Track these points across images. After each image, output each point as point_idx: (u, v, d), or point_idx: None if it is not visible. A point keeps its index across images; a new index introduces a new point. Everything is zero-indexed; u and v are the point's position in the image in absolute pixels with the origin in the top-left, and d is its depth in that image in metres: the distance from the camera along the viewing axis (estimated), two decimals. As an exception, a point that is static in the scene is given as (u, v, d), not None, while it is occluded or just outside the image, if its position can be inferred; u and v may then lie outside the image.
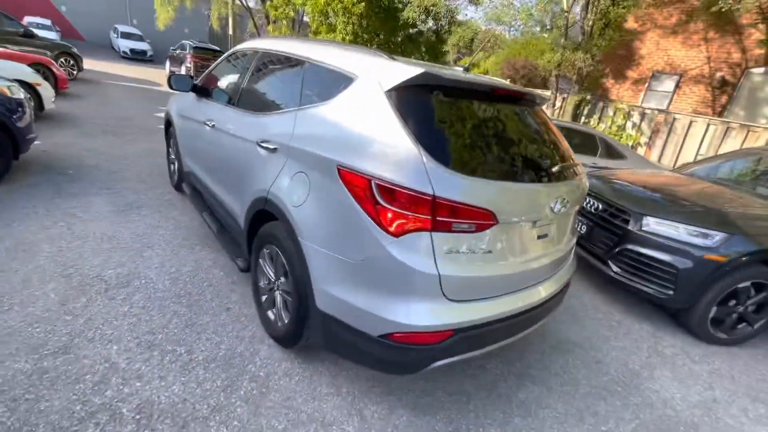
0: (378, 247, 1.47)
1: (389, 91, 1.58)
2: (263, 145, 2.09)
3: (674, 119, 7.04)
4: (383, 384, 2.01)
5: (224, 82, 3.02)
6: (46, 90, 5.71)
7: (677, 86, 10.39)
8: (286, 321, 2.02)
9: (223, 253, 3.04)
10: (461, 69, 1.79)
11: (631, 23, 8.72)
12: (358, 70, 1.74)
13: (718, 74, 9.66)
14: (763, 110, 9.36)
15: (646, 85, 10.95)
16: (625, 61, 10.97)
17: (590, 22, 7.59)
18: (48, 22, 16.80)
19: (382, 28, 10.59)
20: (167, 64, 16.48)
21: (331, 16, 9.71)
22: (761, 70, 9.20)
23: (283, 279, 2.05)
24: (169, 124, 4.04)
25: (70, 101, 7.52)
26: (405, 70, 1.58)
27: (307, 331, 1.88)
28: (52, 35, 13.98)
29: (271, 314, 2.20)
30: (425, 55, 11.74)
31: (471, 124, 1.66)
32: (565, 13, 7.96)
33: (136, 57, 19.44)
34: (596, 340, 2.78)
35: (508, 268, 1.68)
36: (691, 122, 6.77)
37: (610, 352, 2.68)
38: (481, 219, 1.50)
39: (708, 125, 6.55)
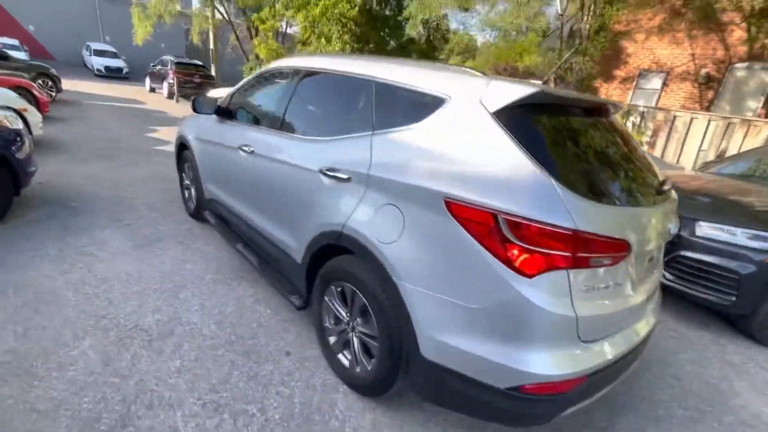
0: (507, 290, 1.30)
1: (497, 111, 1.42)
2: (330, 173, 1.89)
3: (675, 117, 7.16)
4: (478, 427, 1.83)
5: (259, 104, 2.81)
6: (32, 115, 5.32)
7: (664, 83, 10.66)
8: (369, 367, 1.82)
9: (265, 287, 2.81)
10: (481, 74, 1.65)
11: (616, 24, 8.93)
12: (449, 90, 1.58)
13: (704, 71, 9.95)
14: (748, 103, 9.68)
15: (634, 83, 11.20)
16: (612, 61, 11.19)
17: (587, 25, 7.72)
18: (15, 42, 16.02)
19: (374, 36, 10.48)
20: (147, 80, 15.95)
21: (324, 26, 9.52)
22: (744, 65, 9.52)
23: (360, 320, 1.85)
24: (183, 147, 3.77)
25: (54, 125, 7.08)
26: (514, 89, 1.42)
27: (402, 380, 1.69)
28: (21, 56, 13.29)
29: (343, 358, 1.99)
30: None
31: (584, 144, 1.53)
32: (561, 16, 8.07)
33: (112, 75, 18.77)
34: (665, 354, 2.67)
35: (630, 301, 1.54)
36: (692, 119, 6.90)
37: (684, 366, 2.58)
38: (618, 251, 1.36)
39: (709, 122, 6.68)
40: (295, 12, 10.17)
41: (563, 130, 1.51)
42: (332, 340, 2.06)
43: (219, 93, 12.04)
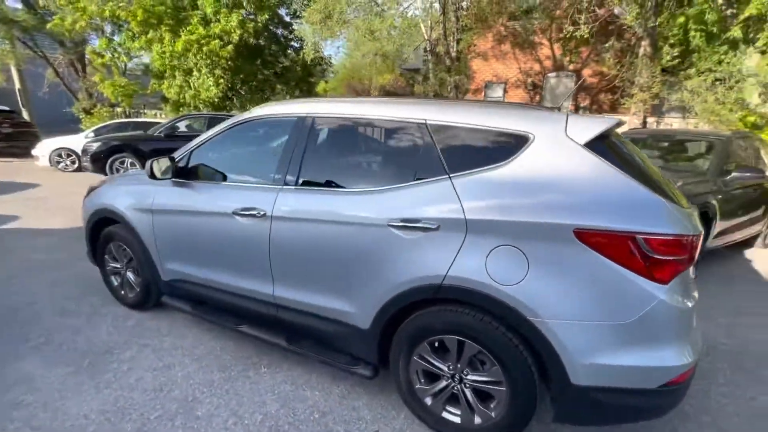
0: (651, 299, 1.46)
1: (588, 143, 1.58)
2: (407, 225, 1.77)
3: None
4: None
5: (250, 160, 2.41)
6: None
7: (505, 91, 13.02)
8: (493, 414, 1.76)
9: (295, 367, 2.40)
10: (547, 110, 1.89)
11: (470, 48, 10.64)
12: (531, 128, 1.67)
13: (529, 80, 12.52)
14: (560, 102, 12.54)
15: (483, 94, 13.34)
16: (464, 77, 13.12)
17: (454, 48, 8.92)
18: None
19: (249, 69, 9.86)
20: None
21: (190, 60, 8.46)
22: (554, 74, 12.34)
23: (468, 370, 1.78)
24: (103, 224, 2.95)
25: None
26: (597, 122, 1.61)
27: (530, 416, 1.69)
28: None
29: (451, 416, 1.87)
30: (295, 89, 11.47)
31: (638, 158, 1.80)
32: (427, 41, 9.14)
33: None
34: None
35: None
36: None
37: None
38: (699, 244, 1.65)
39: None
40: (144, 45, 8.86)
41: (626, 151, 1.77)
42: (429, 401, 1.91)
43: (51, 144, 9.59)
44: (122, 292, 3.05)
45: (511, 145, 1.69)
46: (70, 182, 8.29)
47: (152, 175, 2.43)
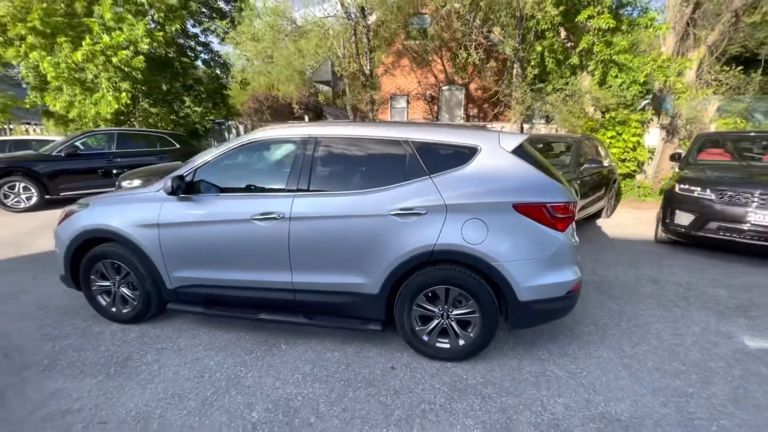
0: (556, 241, 2.46)
1: (513, 150, 2.54)
2: (404, 212, 2.51)
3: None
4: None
5: (260, 173, 2.84)
6: None
7: (408, 103, 14.50)
8: (472, 335, 2.60)
9: (312, 336, 2.93)
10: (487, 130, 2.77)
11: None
12: (478, 142, 2.57)
13: (428, 92, 14.20)
14: (455, 112, 14.52)
15: (389, 104, 14.64)
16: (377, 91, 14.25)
17: (368, 66, 9.82)
18: None
19: (157, 81, 9.24)
20: None
21: (87, 72, 7.63)
22: (447, 87, 14.22)
23: (452, 309, 2.60)
24: (89, 244, 3.04)
25: None
26: (517, 137, 2.59)
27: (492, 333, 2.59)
28: None
29: (443, 344, 2.66)
30: (207, 101, 11.02)
31: (538, 157, 2.83)
32: (339, 59, 9.90)
33: None
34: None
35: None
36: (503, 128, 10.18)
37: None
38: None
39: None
40: (23, 51, 7.80)
41: (531, 153, 2.79)
42: (426, 337, 2.68)
43: None
44: (113, 309, 3.15)
45: (467, 153, 2.57)
46: (-63, 215, 6.96)
47: (173, 192, 2.72)
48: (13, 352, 2.77)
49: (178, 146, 8.96)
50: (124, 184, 6.83)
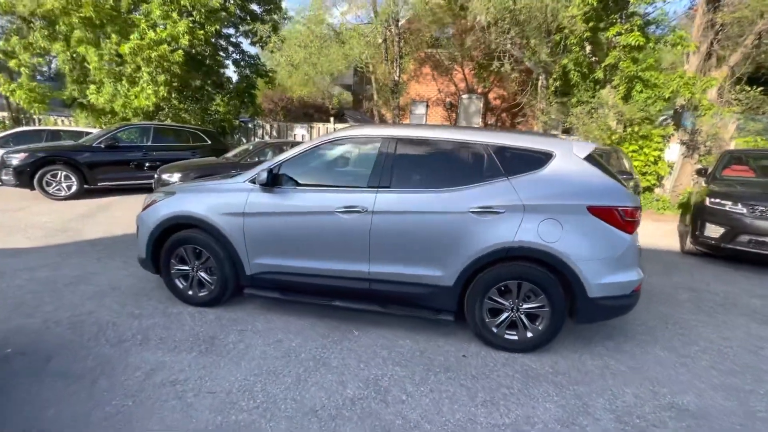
0: (625, 243, 2.65)
1: (585, 157, 2.74)
2: (483, 210, 2.70)
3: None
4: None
5: (344, 169, 3.03)
6: None
7: (427, 109, 14.76)
8: (540, 328, 2.78)
9: (381, 325, 3.11)
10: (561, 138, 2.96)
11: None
12: (553, 148, 2.77)
13: (447, 100, 14.46)
14: (473, 119, 14.77)
15: (408, 110, 14.90)
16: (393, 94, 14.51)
17: (397, 72, 10.09)
18: None
19: (192, 77, 9.48)
20: None
21: (129, 66, 7.87)
22: (467, 95, 14.49)
23: (522, 302, 2.78)
24: (171, 231, 3.23)
25: None
26: (588, 145, 2.78)
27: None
28: None
29: (511, 336, 2.84)
30: (235, 99, 11.23)
31: (605, 165, 3.02)
32: (371, 64, 10.17)
33: None
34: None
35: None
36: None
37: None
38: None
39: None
40: (73, 44, 8.04)
41: (600, 161, 2.98)
42: (495, 329, 2.86)
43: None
44: (190, 292, 3.33)
45: (543, 158, 2.77)
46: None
47: (267, 184, 2.92)
48: (107, 326, 2.95)
49: (209, 142, 9.19)
50: (164, 176, 7.06)
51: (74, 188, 7.44)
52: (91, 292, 3.54)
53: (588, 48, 9.57)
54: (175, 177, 6.97)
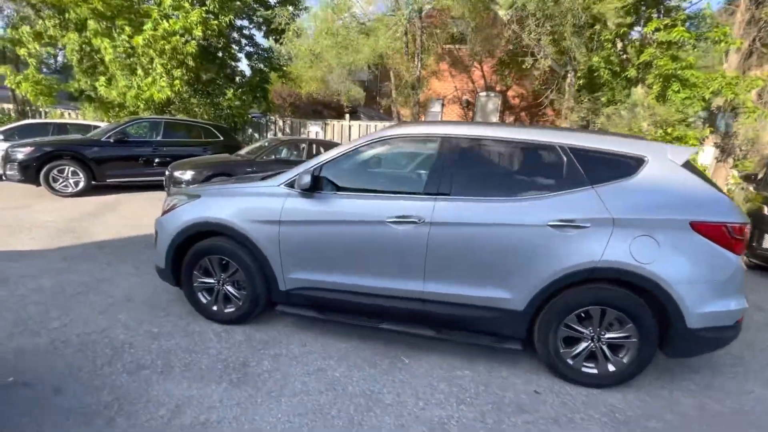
0: (733, 265, 2.25)
1: (683, 164, 2.33)
2: (565, 224, 2.30)
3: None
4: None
5: (394, 173, 2.65)
6: None
7: (443, 106, 14.32)
8: (625, 360, 2.38)
9: (434, 352, 2.72)
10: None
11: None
12: (643, 152, 2.36)
13: (464, 97, 14.02)
14: (490, 118, 14.33)
15: (425, 107, 14.47)
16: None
17: (418, 68, 9.69)
18: None
19: (206, 69, 9.10)
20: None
21: (143, 57, 7.50)
22: (485, 93, 14.04)
23: (605, 331, 2.39)
24: (193, 240, 2.86)
25: None
26: (685, 150, 2.38)
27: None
28: None
29: (590, 369, 2.44)
30: (248, 94, 10.84)
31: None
32: (391, 59, 9.78)
33: None
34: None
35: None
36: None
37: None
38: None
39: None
40: (88, 35, 7.64)
41: (696, 168, 2.57)
42: (571, 361, 2.46)
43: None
44: (214, 308, 2.96)
45: (633, 164, 2.36)
46: (-14, 195, 6.83)
47: (309, 189, 2.52)
48: (122, 348, 2.58)
49: (221, 138, 8.81)
50: (176, 174, 6.69)
51: (81, 184, 7.08)
52: (102, 304, 3.17)
53: (619, 45, 9.11)
54: (188, 175, 6.61)
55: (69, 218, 5.69)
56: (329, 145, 8.54)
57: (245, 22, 11.02)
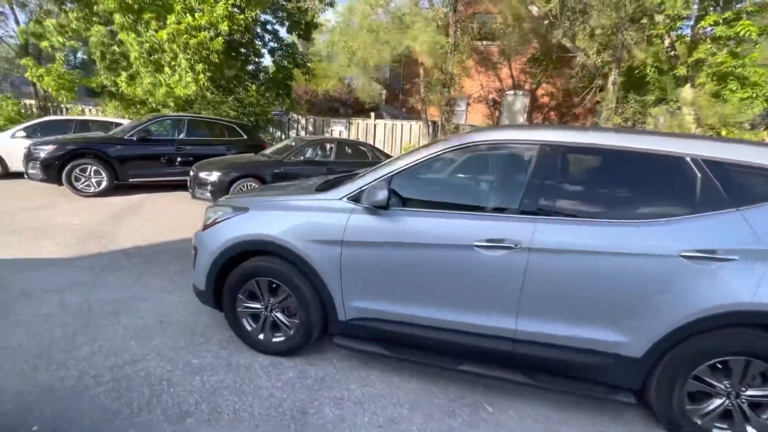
0: None
1: None
2: (704, 255, 1.86)
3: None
4: None
5: (483, 186, 2.24)
6: None
7: (468, 105, 13.81)
8: (770, 424, 1.94)
9: (520, 401, 2.30)
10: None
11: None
12: (804, 166, 1.90)
13: (490, 96, 13.49)
14: (517, 118, 13.78)
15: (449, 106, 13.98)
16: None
17: (452, 65, 9.26)
18: None
19: (233, 66, 8.79)
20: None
21: (167, 54, 7.22)
22: (512, 92, 13.49)
23: (747, 386, 1.94)
24: (238, 259, 2.49)
25: None
26: None
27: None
28: None
29: (723, 431, 2.00)
30: (271, 90, 10.52)
31: None
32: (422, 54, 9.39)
33: None
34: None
35: None
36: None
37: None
38: None
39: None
40: (116, 28, 7.35)
41: None
42: (699, 420, 2.01)
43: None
44: (260, 336, 2.59)
45: (789, 181, 1.90)
46: (9, 193, 6.62)
47: (383, 206, 2.12)
48: (161, 386, 2.23)
49: (245, 137, 8.49)
50: (202, 175, 6.38)
51: (104, 184, 6.82)
52: (133, 327, 2.83)
53: (666, 41, 8.51)
54: (214, 176, 6.30)
55: (93, 221, 5.41)
56: (359, 146, 8.16)
57: (269, 17, 10.67)
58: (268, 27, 10.96)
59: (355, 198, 2.30)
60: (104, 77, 8.76)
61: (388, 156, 8.27)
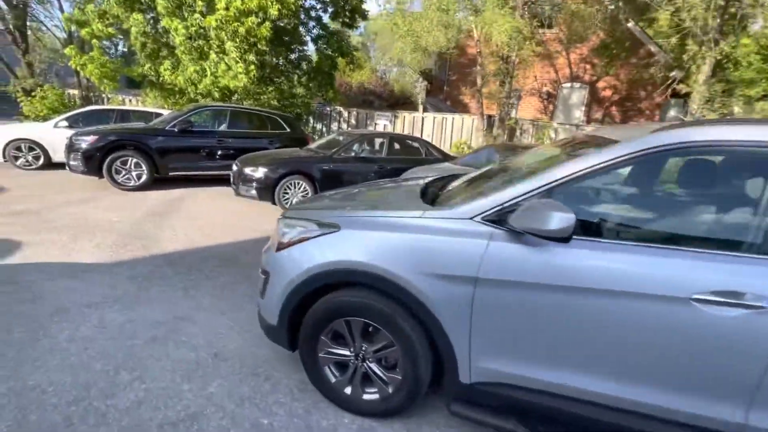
0: None
1: None
2: None
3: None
4: None
5: (688, 210, 1.54)
6: None
7: (519, 98, 12.84)
8: None
9: None
10: None
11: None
12: None
13: (544, 89, 12.46)
14: (573, 112, 12.70)
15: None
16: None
17: (516, 52, 8.45)
18: None
19: (281, 54, 8.32)
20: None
21: (213, 41, 6.81)
22: (568, 84, 12.41)
23: None
24: (323, 290, 1.89)
25: None
26: None
27: None
28: None
29: None
30: (314, 80, 10.02)
31: None
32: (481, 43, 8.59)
33: None
34: None
35: None
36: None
37: None
38: None
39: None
40: (157, 15, 6.97)
41: None
42: None
43: (3, 134, 7.27)
44: (347, 390, 1.99)
45: None
46: (51, 185, 6.38)
47: (564, 238, 1.44)
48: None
49: (288, 130, 7.99)
50: (247, 171, 5.90)
51: (144, 178, 6.48)
52: (184, 363, 2.30)
53: (769, 25, 7.32)
54: (260, 172, 5.80)
55: (133, 219, 5.01)
56: (411, 142, 7.47)
57: (314, 1, 10.11)
58: (312, 13, 10.40)
59: (495, 219, 1.64)
60: (145, 66, 8.47)
61: (443, 153, 7.53)
